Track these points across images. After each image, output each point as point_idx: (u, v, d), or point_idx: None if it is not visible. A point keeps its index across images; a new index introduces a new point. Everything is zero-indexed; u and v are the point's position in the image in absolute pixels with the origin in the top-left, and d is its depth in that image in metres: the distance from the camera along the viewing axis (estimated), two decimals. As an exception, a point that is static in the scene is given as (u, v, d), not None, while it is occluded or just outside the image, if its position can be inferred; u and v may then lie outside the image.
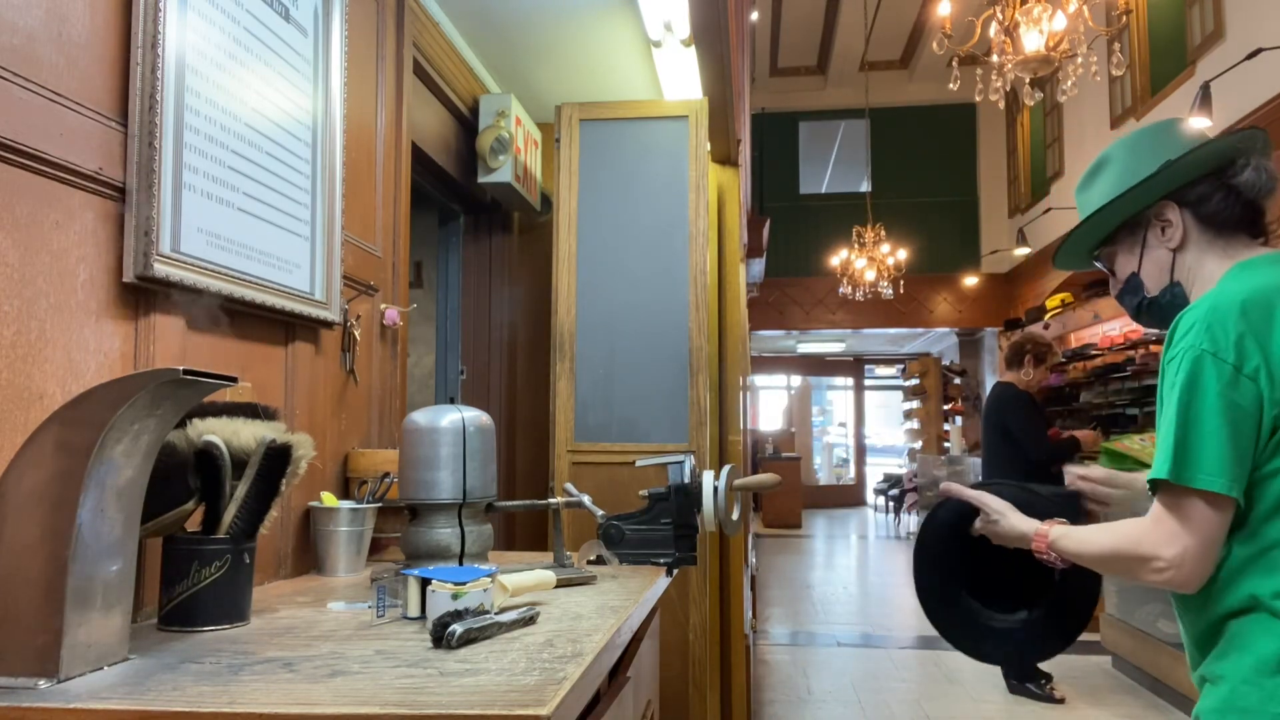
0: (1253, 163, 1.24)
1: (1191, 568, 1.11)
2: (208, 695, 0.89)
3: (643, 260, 2.77)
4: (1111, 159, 1.34)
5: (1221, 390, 1.09)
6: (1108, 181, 1.32)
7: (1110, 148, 1.36)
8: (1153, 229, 1.30)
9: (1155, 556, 1.13)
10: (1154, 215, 1.29)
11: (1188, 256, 1.28)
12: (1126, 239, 1.33)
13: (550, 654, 1.05)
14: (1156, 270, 1.31)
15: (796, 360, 16.11)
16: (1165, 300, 1.31)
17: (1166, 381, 1.16)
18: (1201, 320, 1.13)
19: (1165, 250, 1.29)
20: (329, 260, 1.79)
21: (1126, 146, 1.33)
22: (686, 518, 1.81)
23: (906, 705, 4.35)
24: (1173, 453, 1.11)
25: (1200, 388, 1.11)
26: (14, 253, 1.11)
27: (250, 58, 1.56)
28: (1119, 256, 1.36)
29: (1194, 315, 1.15)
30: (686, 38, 2.56)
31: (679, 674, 2.67)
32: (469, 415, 1.63)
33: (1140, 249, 1.32)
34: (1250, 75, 5.57)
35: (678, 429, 2.69)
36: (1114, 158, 1.34)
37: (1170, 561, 1.12)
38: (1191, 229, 1.27)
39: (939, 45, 4.52)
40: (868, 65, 11.02)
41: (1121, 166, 1.31)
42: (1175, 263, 1.29)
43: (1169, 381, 1.15)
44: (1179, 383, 1.12)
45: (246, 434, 1.27)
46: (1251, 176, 1.23)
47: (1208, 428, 1.10)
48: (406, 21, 2.30)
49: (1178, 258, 1.28)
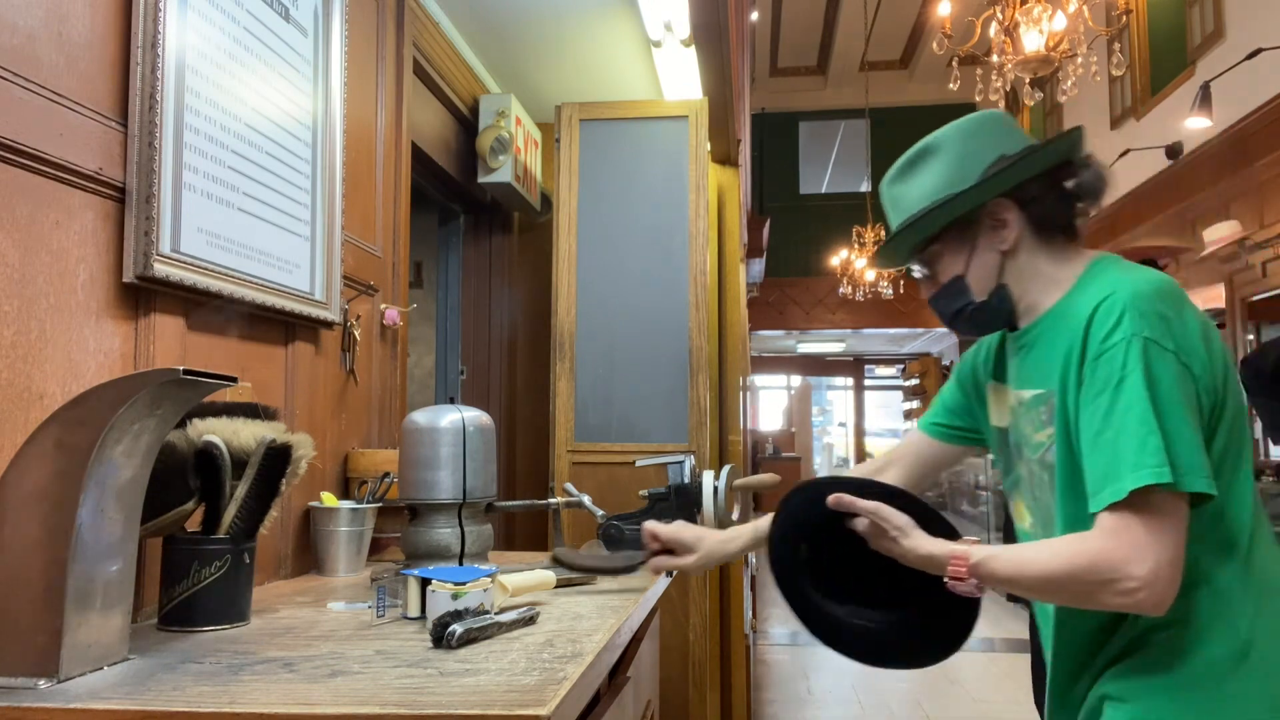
0: (1092, 164, 1.17)
1: (1166, 586, 0.97)
2: (208, 695, 0.89)
3: (643, 260, 2.77)
4: (939, 148, 1.20)
5: (1175, 380, 1.00)
6: (937, 174, 1.19)
7: (935, 135, 1.22)
8: (985, 229, 1.19)
9: (1124, 576, 0.97)
10: (988, 214, 1.18)
11: (1018, 258, 1.18)
12: (955, 238, 1.21)
13: (550, 654, 1.05)
14: (984, 273, 1.19)
15: (796, 360, 16.11)
16: (992, 305, 1.20)
17: (1101, 375, 1.03)
18: (1130, 308, 1.03)
19: (995, 253, 1.18)
20: (329, 260, 1.79)
21: (957, 136, 1.20)
22: (686, 518, 1.81)
23: (906, 705, 4.35)
24: (1162, 450, 0.97)
25: (1157, 378, 1.00)
26: (14, 253, 1.11)
27: (250, 58, 1.56)
28: (944, 257, 1.22)
29: (1114, 304, 1.04)
30: (686, 38, 2.56)
31: (679, 674, 2.67)
32: (469, 415, 1.63)
33: (969, 250, 1.20)
34: (1250, 75, 5.57)
35: (678, 429, 2.69)
36: (942, 147, 1.20)
37: (1143, 580, 0.96)
38: (1024, 230, 1.17)
39: (939, 45, 4.52)
40: (868, 65, 11.02)
41: (953, 158, 1.18)
42: (1004, 265, 1.19)
43: (1106, 376, 1.02)
44: (1130, 374, 1.00)
45: (246, 434, 1.27)
46: (1090, 178, 1.17)
47: (1178, 422, 0.99)
48: (406, 21, 2.30)
49: (1007, 260, 1.18)
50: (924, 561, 1.12)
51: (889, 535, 1.15)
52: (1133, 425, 0.99)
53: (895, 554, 1.15)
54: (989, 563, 1.07)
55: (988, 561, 1.07)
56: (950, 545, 1.11)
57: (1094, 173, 1.17)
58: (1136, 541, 0.97)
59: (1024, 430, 1.20)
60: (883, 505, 1.16)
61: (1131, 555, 0.97)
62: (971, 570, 1.08)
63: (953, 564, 1.09)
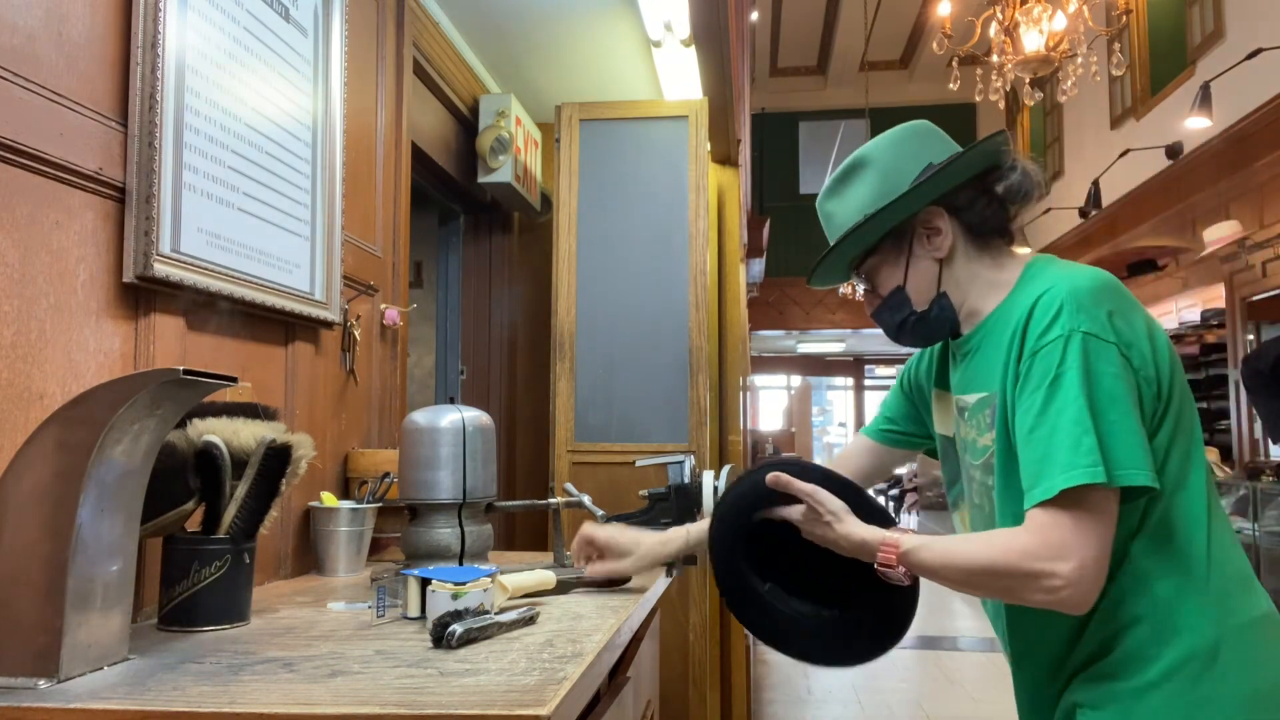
0: (1019, 166, 1.17)
1: (1090, 584, 0.98)
2: (208, 695, 0.89)
3: (643, 260, 2.77)
4: (868, 161, 1.21)
5: (1116, 373, 1.00)
6: (869, 187, 1.20)
7: (864, 149, 1.23)
8: (919, 238, 1.19)
9: (1048, 574, 0.97)
10: (920, 223, 1.19)
11: (955, 266, 1.19)
12: (891, 250, 1.21)
13: (550, 654, 1.05)
14: (923, 282, 1.20)
15: (796, 360, 16.11)
16: (934, 314, 1.20)
17: (1038, 371, 1.02)
18: (1068, 302, 1.03)
19: (932, 260, 1.19)
20: (329, 260, 1.79)
21: (885, 148, 1.21)
22: (686, 518, 1.81)
23: (906, 705, 4.35)
24: (1096, 449, 0.96)
25: (1096, 373, 0.99)
26: (14, 253, 1.11)
27: (250, 58, 1.56)
28: (883, 269, 1.23)
29: (1052, 299, 1.04)
30: (686, 38, 2.56)
31: (679, 674, 2.67)
32: (469, 415, 1.63)
33: (906, 260, 1.20)
34: (1250, 75, 5.57)
35: (678, 429, 2.69)
36: (871, 160, 1.21)
37: (1068, 578, 0.97)
38: (959, 237, 1.18)
39: (939, 45, 4.52)
40: (868, 65, 11.02)
41: (882, 170, 1.19)
42: (942, 273, 1.19)
43: (1043, 371, 1.02)
44: (1068, 370, 1.00)
45: (246, 434, 1.27)
46: (1017, 180, 1.16)
47: (1117, 415, 0.98)
48: (406, 21, 2.30)
49: (945, 268, 1.19)
50: (856, 548, 1.12)
51: (823, 520, 1.14)
52: (1067, 424, 0.99)
53: (829, 540, 1.15)
54: (918, 551, 1.07)
55: (917, 550, 1.08)
56: (882, 532, 1.11)
57: (1020, 174, 1.17)
58: (1064, 539, 0.97)
59: (967, 436, 1.20)
60: (819, 488, 1.15)
61: (1058, 553, 0.97)
62: (901, 558, 1.08)
63: (882, 550, 1.09)
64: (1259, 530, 4.45)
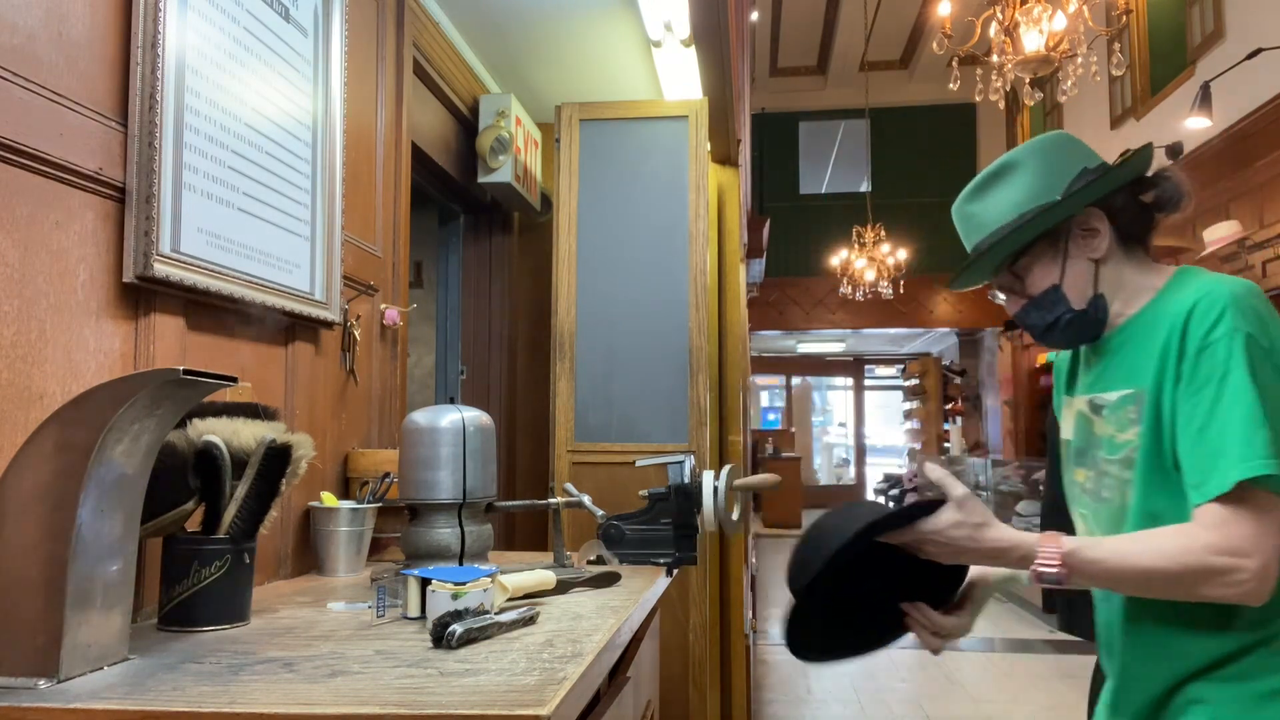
0: (1171, 176, 1.20)
1: (1272, 577, 0.99)
2: (208, 695, 0.89)
3: (643, 260, 2.77)
4: (1018, 164, 1.24)
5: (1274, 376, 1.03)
6: (1020, 188, 1.22)
7: (1009, 155, 1.25)
8: (1075, 238, 1.21)
9: (1234, 569, 0.98)
10: (1078, 224, 1.21)
11: (1108, 268, 1.21)
12: (1046, 249, 1.23)
13: (550, 654, 1.05)
14: (1080, 281, 1.21)
15: (796, 360, 16.11)
16: (1090, 314, 1.22)
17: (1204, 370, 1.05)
18: (1230, 305, 1.06)
19: (1088, 260, 1.21)
20: (329, 260, 1.79)
21: (1033, 152, 1.24)
22: (686, 518, 1.81)
23: (906, 705, 4.35)
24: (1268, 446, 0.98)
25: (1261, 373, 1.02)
26: (14, 253, 1.11)
27: (250, 58, 1.56)
28: (1035, 268, 1.24)
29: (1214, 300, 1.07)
30: (686, 38, 2.56)
31: (679, 674, 2.67)
32: (469, 415, 1.63)
33: (1062, 259, 1.22)
34: (1250, 75, 5.57)
35: (678, 429, 2.69)
36: (1020, 163, 1.23)
37: (1254, 572, 0.98)
38: (1112, 240, 1.21)
39: (939, 45, 4.52)
40: (868, 65, 11.02)
41: (1035, 172, 1.22)
42: (1099, 274, 1.21)
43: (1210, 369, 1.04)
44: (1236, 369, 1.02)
45: (246, 434, 1.27)
46: (1170, 190, 1.20)
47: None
48: (406, 21, 2.31)
49: (1100, 269, 1.21)
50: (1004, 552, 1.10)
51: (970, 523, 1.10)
52: (1239, 419, 1.01)
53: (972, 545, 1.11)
54: (1084, 551, 1.05)
55: (1082, 550, 1.05)
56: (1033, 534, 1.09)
57: (1173, 185, 1.21)
58: (1246, 533, 0.98)
59: (1103, 433, 1.21)
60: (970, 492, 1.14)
61: (1243, 547, 0.98)
62: (1065, 558, 1.05)
63: (1043, 551, 1.06)
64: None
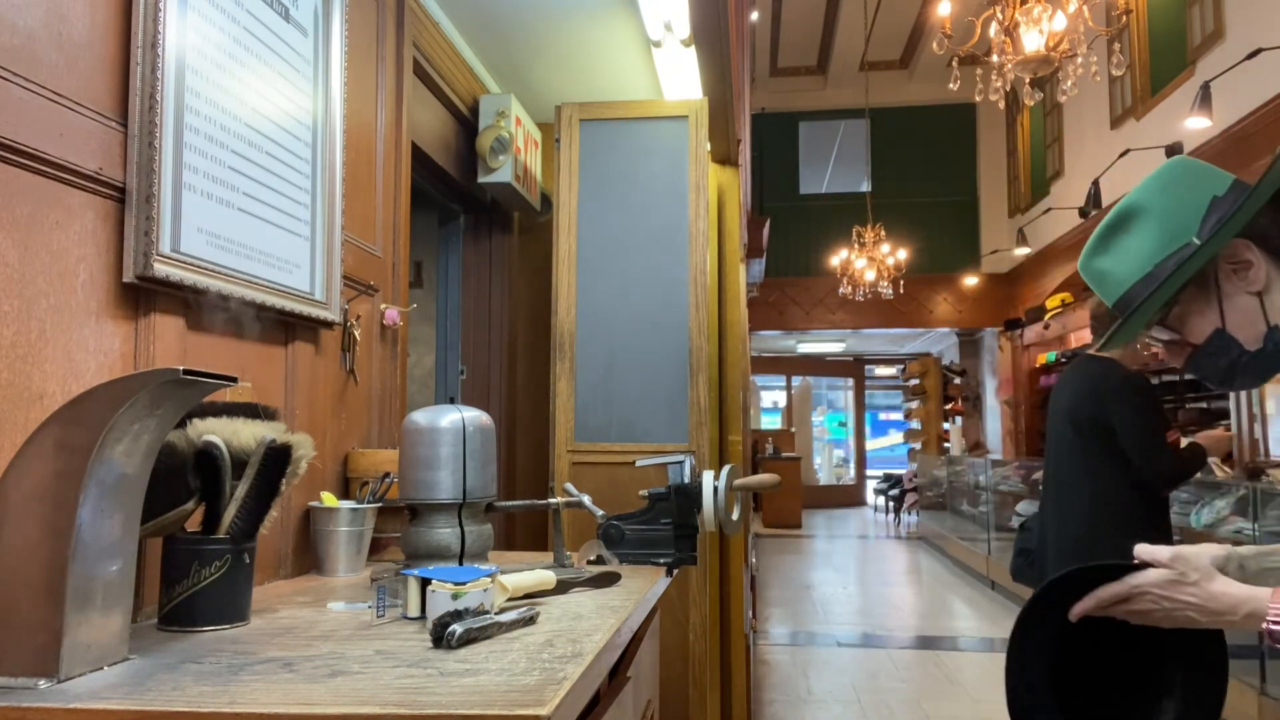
0: None
1: None
2: (208, 695, 0.89)
3: (643, 260, 2.77)
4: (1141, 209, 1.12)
5: None
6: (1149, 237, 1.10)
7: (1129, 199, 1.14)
8: (1225, 274, 1.10)
9: None
10: (1225, 259, 1.09)
11: (1274, 296, 1.09)
12: (1197, 295, 1.11)
13: (550, 654, 1.05)
14: (1246, 321, 1.09)
15: (796, 360, 16.11)
16: (1269, 350, 1.09)
17: None
18: None
19: (1248, 295, 1.09)
20: (329, 260, 1.79)
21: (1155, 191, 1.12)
22: (686, 518, 1.81)
23: (906, 705, 4.35)
24: None
25: None
26: (14, 253, 1.11)
27: (250, 58, 1.56)
28: (1190, 318, 1.12)
29: None
30: (686, 38, 2.56)
31: (679, 674, 2.67)
32: (469, 415, 1.63)
33: (1218, 301, 1.10)
34: (1250, 75, 5.57)
35: (678, 429, 2.69)
36: (1144, 207, 1.12)
37: None
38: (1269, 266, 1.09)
39: (939, 45, 4.52)
40: (868, 65, 11.02)
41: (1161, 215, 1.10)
42: (1265, 306, 1.09)
43: None
44: None
45: (246, 434, 1.27)
46: None
47: None
48: (406, 21, 2.31)
49: (1265, 300, 1.09)
50: (1227, 610, 1.00)
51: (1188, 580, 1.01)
52: None
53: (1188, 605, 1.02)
54: None
55: None
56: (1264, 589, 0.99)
57: None
58: None
59: None
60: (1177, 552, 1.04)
61: None
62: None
63: (1275, 609, 0.95)
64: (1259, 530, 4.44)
